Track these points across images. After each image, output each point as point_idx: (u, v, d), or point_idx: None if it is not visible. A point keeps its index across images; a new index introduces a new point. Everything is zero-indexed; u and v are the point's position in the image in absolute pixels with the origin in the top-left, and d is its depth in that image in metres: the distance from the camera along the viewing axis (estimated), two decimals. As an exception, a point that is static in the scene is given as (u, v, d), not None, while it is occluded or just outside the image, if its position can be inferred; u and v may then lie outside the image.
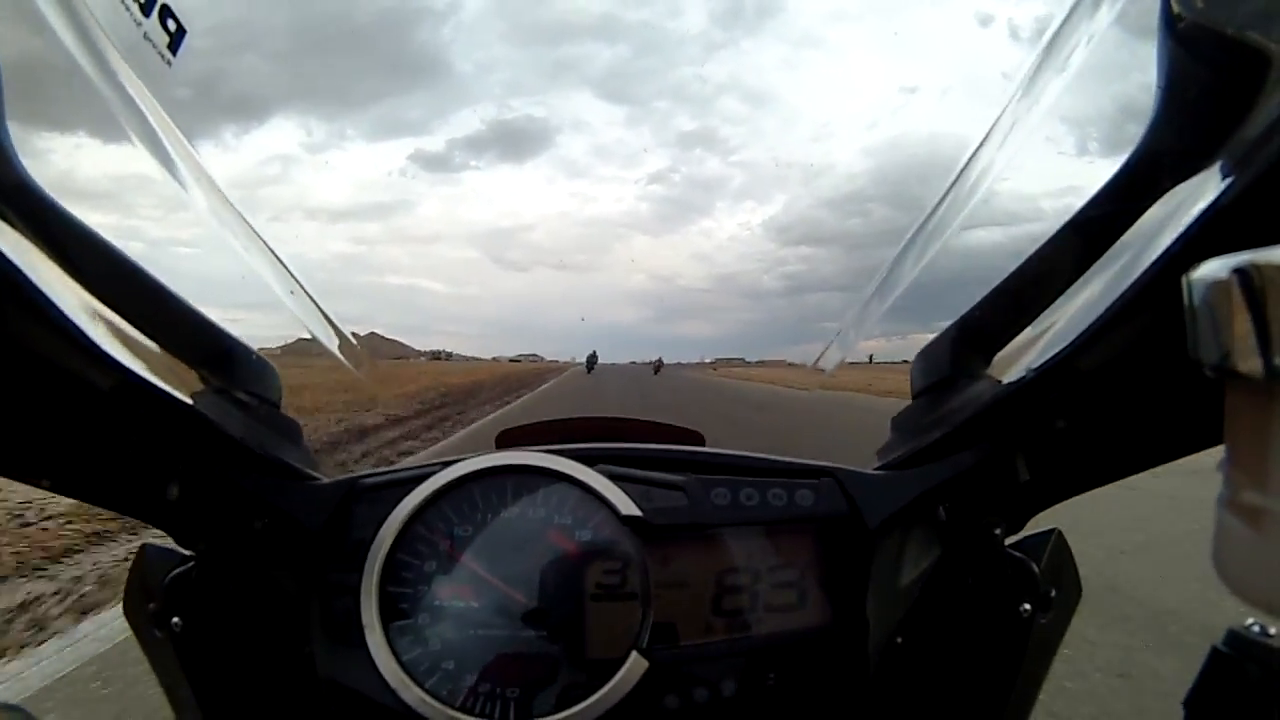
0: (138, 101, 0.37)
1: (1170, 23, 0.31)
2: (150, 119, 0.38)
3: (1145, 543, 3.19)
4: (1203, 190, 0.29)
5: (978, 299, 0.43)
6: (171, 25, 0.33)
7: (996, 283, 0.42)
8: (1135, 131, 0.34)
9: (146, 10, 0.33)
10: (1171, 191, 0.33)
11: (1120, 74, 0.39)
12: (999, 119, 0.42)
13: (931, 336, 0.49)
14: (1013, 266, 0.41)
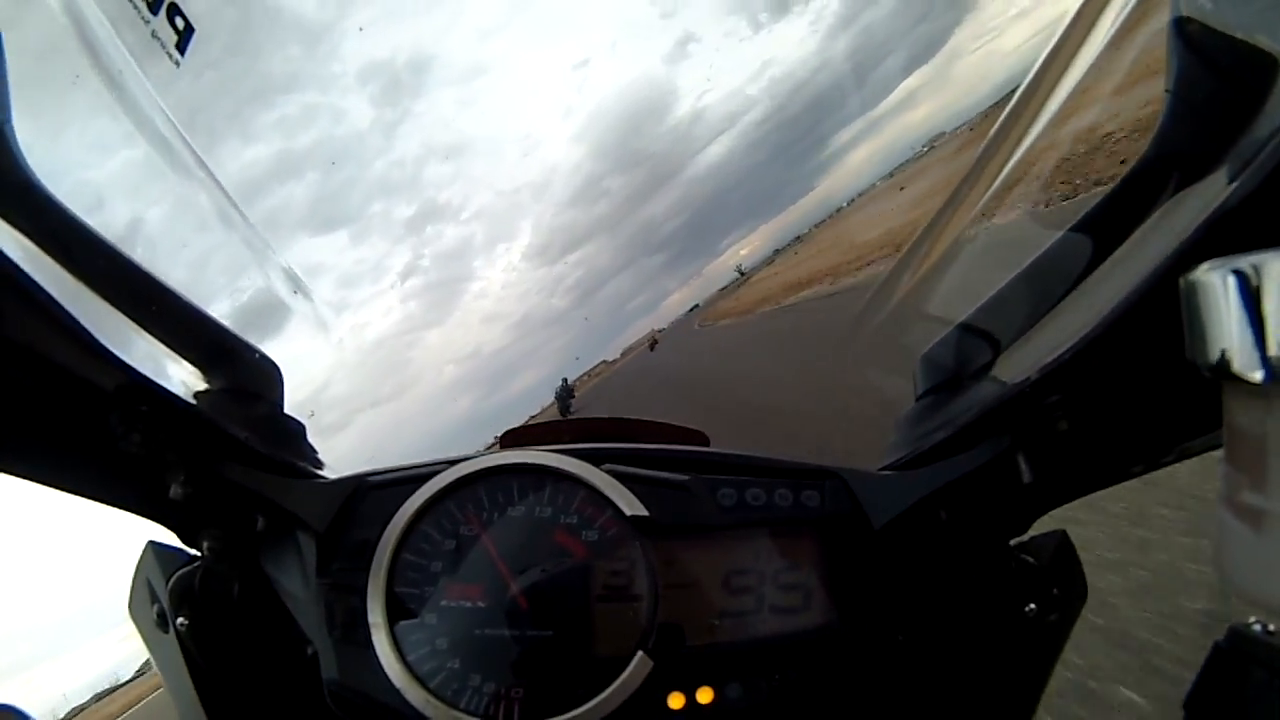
0: (145, 101, 0.37)
1: (1179, 24, 0.31)
2: (157, 118, 0.38)
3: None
4: (1209, 193, 0.29)
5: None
6: (180, 23, 0.33)
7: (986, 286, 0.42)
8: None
9: (154, 8, 0.33)
10: (1178, 194, 0.33)
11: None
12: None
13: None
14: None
